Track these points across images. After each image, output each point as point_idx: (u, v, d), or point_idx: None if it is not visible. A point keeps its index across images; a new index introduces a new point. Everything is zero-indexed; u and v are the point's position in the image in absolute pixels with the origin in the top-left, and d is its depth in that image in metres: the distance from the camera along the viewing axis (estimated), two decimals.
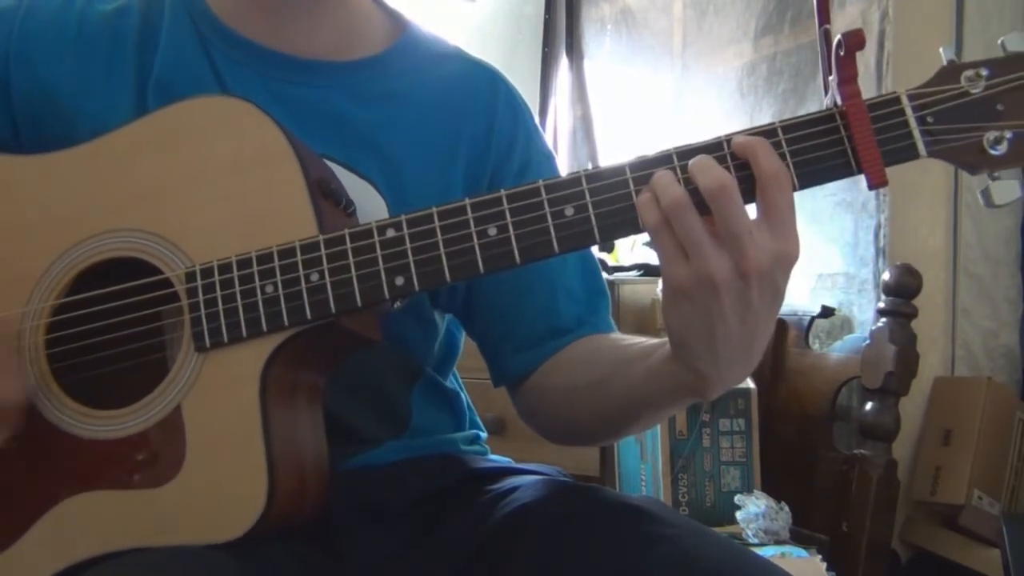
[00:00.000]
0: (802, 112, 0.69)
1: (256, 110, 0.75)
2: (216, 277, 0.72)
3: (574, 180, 0.68)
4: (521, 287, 0.88)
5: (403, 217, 0.70)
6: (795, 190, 0.66)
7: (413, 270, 0.69)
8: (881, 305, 1.78)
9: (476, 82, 0.92)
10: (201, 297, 0.72)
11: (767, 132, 0.67)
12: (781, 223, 0.64)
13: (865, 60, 1.91)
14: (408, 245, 0.70)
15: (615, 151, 2.77)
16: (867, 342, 1.79)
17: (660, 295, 0.69)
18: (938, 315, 1.88)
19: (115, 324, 0.76)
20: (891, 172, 0.67)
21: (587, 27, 2.91)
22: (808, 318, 2.00)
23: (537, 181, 0.69)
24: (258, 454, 0.69)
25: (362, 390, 0.86)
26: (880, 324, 1.76)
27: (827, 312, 1.99)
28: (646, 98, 2.63)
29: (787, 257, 0.64)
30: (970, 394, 1.80)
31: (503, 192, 0.69)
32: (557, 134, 2.98)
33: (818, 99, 2.04)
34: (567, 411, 0.87)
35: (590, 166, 0.69)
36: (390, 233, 0.70)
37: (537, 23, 2.99)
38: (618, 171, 0.68)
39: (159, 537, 0.70)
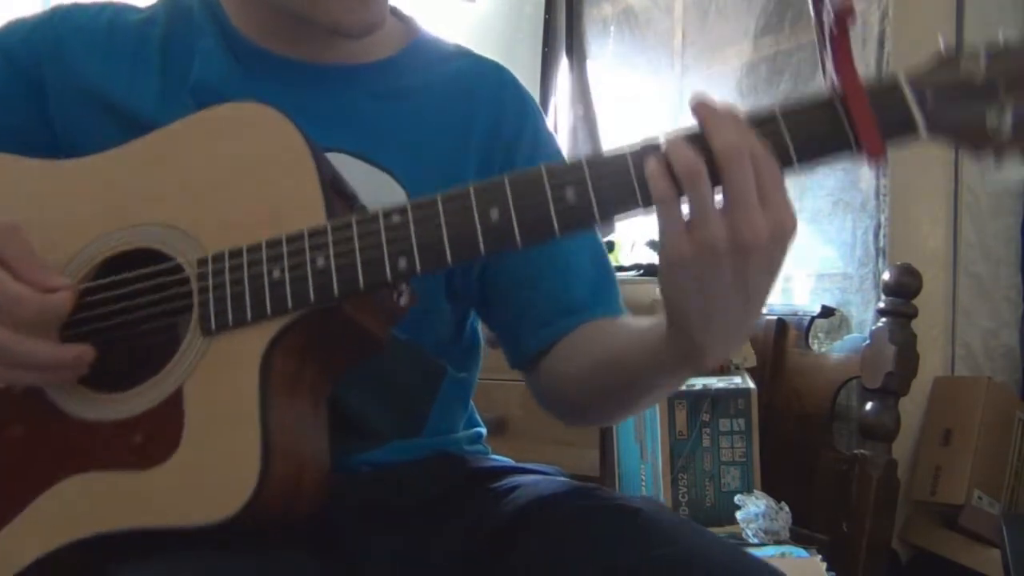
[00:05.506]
0: None
1: (275, 113, 0.78)
2: (226, 263, 0.74)
3: (575, 164, 0.69)
4: (535, 269, 0.90)
5: (408, 203, 0.72)
6: (792, 165, 0.66)
7: (416, 252, 0.70)
8: (881, 305, 1.77)
9: (484, 76, 0.97)
10: (210, 281, 0.74)
11: (766, 114, 0.67)
12: (742, 200, 0.64)
13: (865, 60, 1.91)
14: (412, 229, 0.71)
15: None
16: (867, 342, 1.78)
17: (659, 295, 0.69)
18: (938, 315, 1.88)
19: (127, 310, 0.78)
20: (891, 172, 0.67)
21: (589, 27, 2.91)
22: (808, 318, 1.99)
23: (539, 166, 0.70)
24: (253, 436, 0.70)
25: (384, 390, 0.88)
26: (880, 324, 1.76)
27: (827, 312, 1.99)
28: (647, 98, 2.63)
29: (782, 232, 0.65)
30: (970, 394, 1.80)
31: (506, 177, 0.70)
32: (557, 134, 2.98)
33: None
34: (579, 395, 0.88)
35: None
36: (395, 218, 0.71)
37: (537, 23, 2.99)
38: (618, 155, 0.68)
39: (148, 518, 0.71)
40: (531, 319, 0.91)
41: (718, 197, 0.65)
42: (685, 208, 0.66)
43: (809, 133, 0.66)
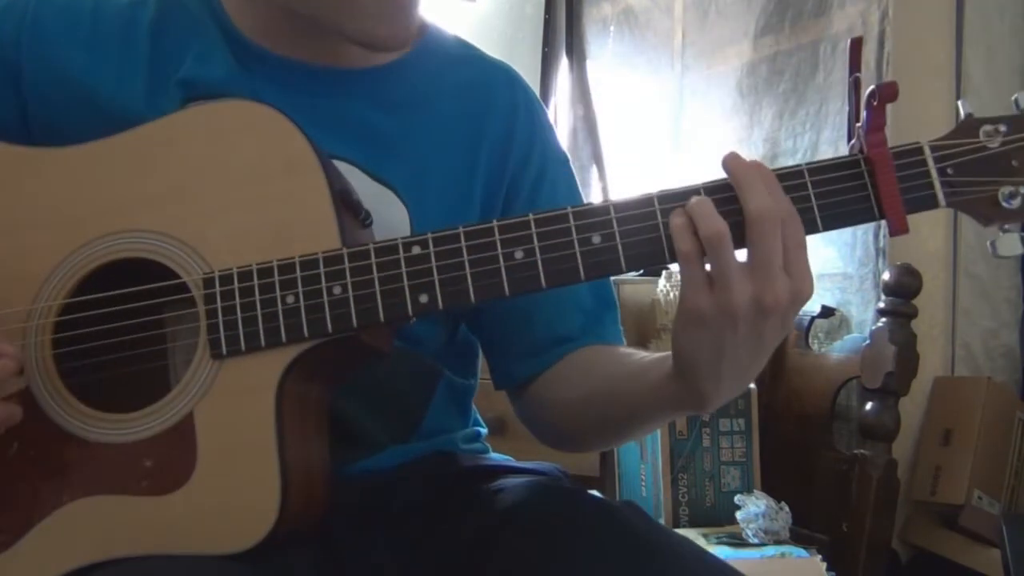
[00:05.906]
0: (801, 111, 0.70)
1: (282, 117, 0.74)
2: (236, 284, 0.71)
3: (602, 209, 0.69)
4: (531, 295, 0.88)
5: (429, 235, 0.70)
6: (818, 231, 0.68)
7: (438, 289, 0.69)
8: (881, 305, 1.77)
9: (496, 87, 0.93)
10: (219, 304, 0.71)
11: (793, 173, 0.68)
12: (767, 265, 0.65)
13: (865, 60, 1.90)
14: (433, 263, 0.69)
15: (617, 151, 2.77)
16: (867, 342, 1.78)
17: (660, 296, 0.70)
18: (938, 315, 1.88)
19: (124, 327, 0.74)
20: None
21: (589, 27, 2.91)
22: (808, 318, 1.99)
23: (565, 208, 0.69)
24: (271, 465, 0.69)
25: (378, 396, 0.86)
26: (880, 324, 1.76)
27: (827, 312, 1.99)
28: (647, 98, 2.63)
29: (800, 295, 0.66)
30: (970, 394, 1.80)
31: (531, 216, 0.69)
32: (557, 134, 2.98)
33: (818, 98, 2.04)
34: (565, 423, 0.88)
35: (594, 168, 0.70)
36: (415, 250, 0.70)
37: (537, 23, 2.99)
38: (646, 202, 0.68)
39: (164, 545, 0.69)
40: (523, 345, 0.89)
41: (741, 254, 0.66)
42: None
43: (836, 202, 0.68)
